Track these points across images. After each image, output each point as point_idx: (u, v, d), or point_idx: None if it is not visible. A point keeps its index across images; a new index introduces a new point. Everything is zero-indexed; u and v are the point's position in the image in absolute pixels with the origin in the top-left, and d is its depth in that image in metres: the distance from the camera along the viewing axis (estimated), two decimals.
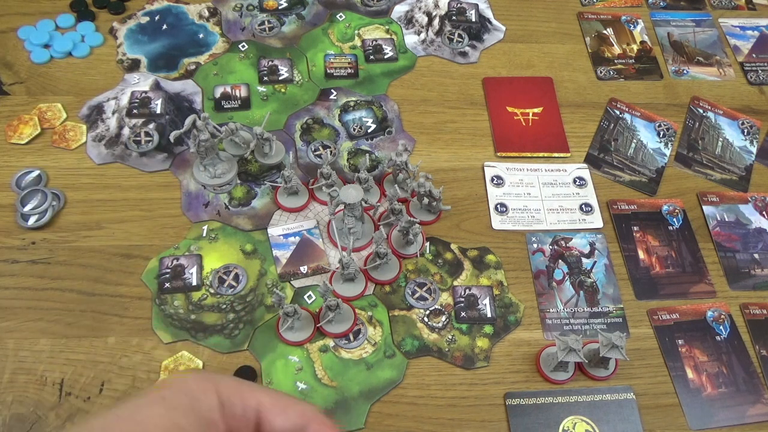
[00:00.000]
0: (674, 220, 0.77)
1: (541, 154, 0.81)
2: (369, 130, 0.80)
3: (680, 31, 0.96)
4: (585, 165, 0.81)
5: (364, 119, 0.81)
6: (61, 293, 0.66)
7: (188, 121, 0.69)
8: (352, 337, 0.65)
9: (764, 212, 0.79)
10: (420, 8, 0.93)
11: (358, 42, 0.89)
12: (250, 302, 0.67)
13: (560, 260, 0.73)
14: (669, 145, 0.84)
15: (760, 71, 0.92)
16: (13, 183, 0.73)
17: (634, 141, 0.83)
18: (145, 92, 0.81)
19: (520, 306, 0.69)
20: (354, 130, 0.80)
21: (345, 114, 0.81)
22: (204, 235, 0.71)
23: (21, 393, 0.61)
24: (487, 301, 0.69)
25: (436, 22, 0.92)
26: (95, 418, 0.34)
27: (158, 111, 0.79)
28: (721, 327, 0.70)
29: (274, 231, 0.72)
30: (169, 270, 0.68)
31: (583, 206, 0.77)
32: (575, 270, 0.72)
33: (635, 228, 0.76)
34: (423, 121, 0.82)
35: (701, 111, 0.87)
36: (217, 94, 0.82)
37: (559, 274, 0.72)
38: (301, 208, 0.73)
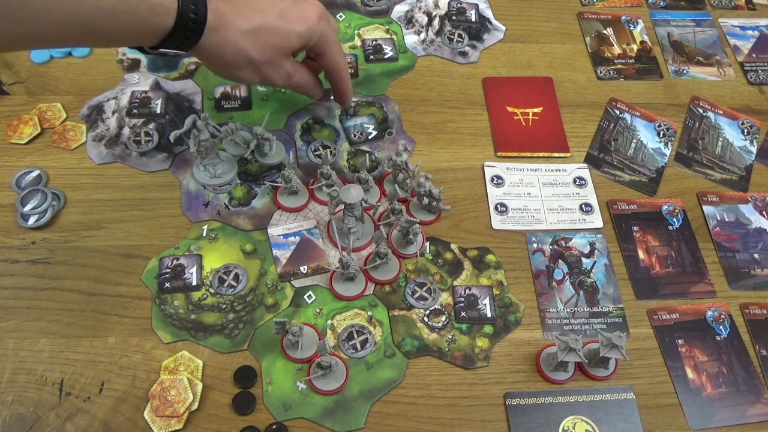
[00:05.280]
0: (674, 220, 0.77)
1: (541, 154, 0.81)
2: (370, 137, 0.80)
3: (680, 31, 0.96)
4: (585, 165, 0.81)
5: (365, 125, 0.80)
6: (61, 293, 0.67)
7: (188, 121, 0.69)
8: (359, 346, 0.65)
9: (764, 212, 0.79)
10: (420, 8, 0.93)
11: (358, 42, 0.89)
12: (250, 302, 0.67)
13: (560, 260, 0.73)
14: (669, 145, 0.84)
15: (760, 71, 0.92)
16: (13, 183, 0.73)
17: (634, 141, 0.83)
18: (145, 92, 0.81)
19: (520, 306, 0.69)
20: (355, 136, 0.79)
21: (346, 119, 0.81)
22: (204, 235, 0.71)
23: (21, 393, 0.61)
24: (487, 301, 0.69)
25: (436, 22, 0.92)
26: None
27: (158, 111, 0.79)
28: (721, 327, 0.70)
29: (274, 231, 0.72)
30: (169, 270, 0.68)
31: (583, 206, 0.77)
32: (575, 270, 0.72)
33: (635, 228, 0.76)
34: (423, 121, 0.82)
35: (701, 111, 0.87)
36: (217, 94, 0.82)
37: (559, 274, 0.72)
38: (301, 208, 0.73)
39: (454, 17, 0.93)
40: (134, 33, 0.55)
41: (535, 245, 0.73)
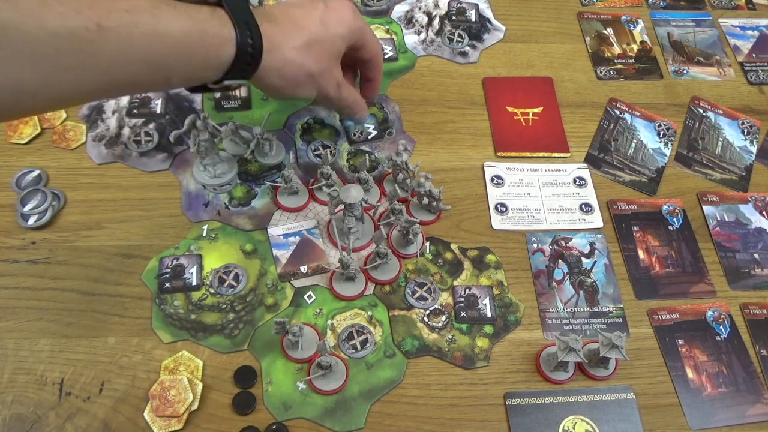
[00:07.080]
0: (674, 220, 0.77)
1: (541, 154, 0.81)
2: (370, 137, 0.80)
3: (680, 31, 0.96)
4: (585, 165, 0.81)
5: (365, 125, 0.80)
6: (61, 293, 0.67)
7: (188, 121, 0.69)
8: (359, 346, 0.65)
9: (764, 212, 0.79)
10: (420, 8, 0.93)
11: None
12: (250, 302, 0.67)
13: (560, 260, 0.73)
14: (669, 145, 0.84)
15: (760, 71, 0.92)
16: (13, 183, 0.73)
17: (634, 141, 0.83)
18: None
19: (520, 306, 0.69)
20: (355, 136, 0.79)
21: (346, 119, 0.81)
22: (204, 234, 0.71)
23: (21, 393, 0.61)
24: (487, 301, 0.69)
25: (436, 22, 0.92)
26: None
27: (158, 111, 0.79)
28: (721, 327, 0.70)
29: (274, 231, 0.72)
30: (169, 270, 0.68)
31: (583, 206, 0.77)
32: (575, 270, 0.72)
33: (635, 228, 0.76)
34: (423, 121, 0.82)
35: (701, 111, 0.87)
36: (217, 94, 0.82)
37: (559, 274, 0.72)
38: (301, 208, 0.73)
39: (454, 17, 0.93)
40: (200, 68, 0.57)
41: (535, 245, 0.73)
